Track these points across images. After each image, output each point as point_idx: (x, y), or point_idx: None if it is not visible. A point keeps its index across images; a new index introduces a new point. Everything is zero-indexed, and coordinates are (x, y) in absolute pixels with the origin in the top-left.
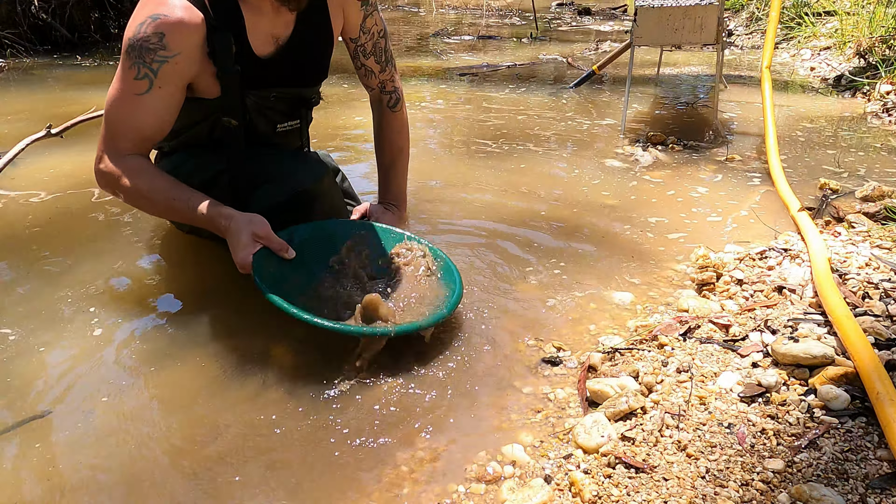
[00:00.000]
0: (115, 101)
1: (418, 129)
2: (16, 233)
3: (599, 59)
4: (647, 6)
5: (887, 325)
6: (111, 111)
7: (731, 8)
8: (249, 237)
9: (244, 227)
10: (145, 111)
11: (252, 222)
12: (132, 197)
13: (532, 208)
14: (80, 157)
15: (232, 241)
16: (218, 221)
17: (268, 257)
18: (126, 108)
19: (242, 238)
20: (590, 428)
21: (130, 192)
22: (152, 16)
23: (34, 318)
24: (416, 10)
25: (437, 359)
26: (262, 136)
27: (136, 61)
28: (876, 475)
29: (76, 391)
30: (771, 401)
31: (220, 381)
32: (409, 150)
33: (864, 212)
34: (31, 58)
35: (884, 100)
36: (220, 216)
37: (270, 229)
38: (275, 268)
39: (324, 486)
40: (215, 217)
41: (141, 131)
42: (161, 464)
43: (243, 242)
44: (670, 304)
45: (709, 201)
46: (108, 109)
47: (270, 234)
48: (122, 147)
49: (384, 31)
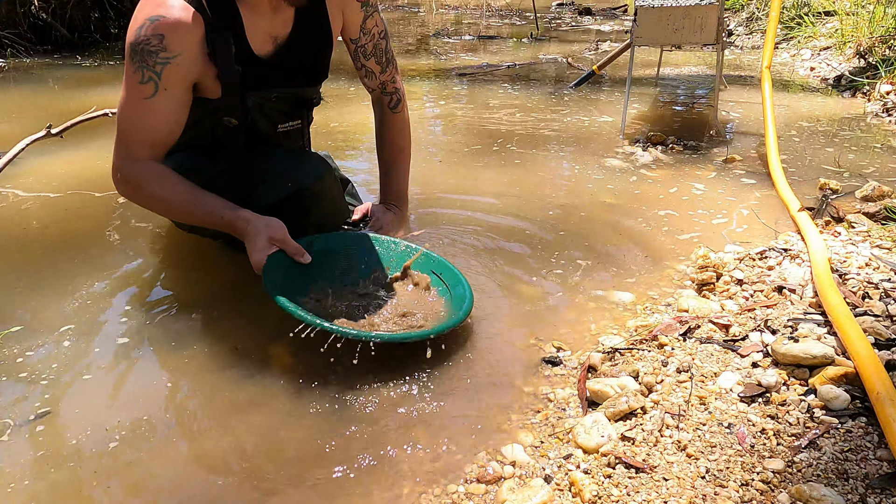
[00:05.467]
0: (124, 109)
1: (418, 129)
2: (16, 232)
3: (599, 59)
4: (647, 6)
5: (887, 325)
6: (122, 119)
7: (731, 8)
8: (266, 240)
9: (262, 230)
10: (154, 115)
11: (269, 226)
12: (152, 203)
13: (532, 208)
14: (81, 157)
15: (249, 243)
16: (236, 224)
17: (281, 261)
18: (135, 113)
19: (259, 241)
20: (590, 428)
21: (150, 199)
22: (150, 18)
23: (34, 318)
24: (415, 10)
25: (437, 359)
26: (264, 136)
27: (139, 65)
28: (876, 475)
29: (76, 390)
30: (771, 401)
31: (219, 381)
32: (410, 151)
33: (864, 212)
34: (31, 58)
35: (884, 100)
36: (238, 219)
37: (287, 233)
38: (285, 273)
39: (323, 486)
40: (234, 220)
41: (153, 136)
42: (161, 464)
43: (259, 245)
44: (670, 304)
45: (709, 201)
46: (119, 117)
47: (287, 238)
48: (138, 154)
49: (385, 32)
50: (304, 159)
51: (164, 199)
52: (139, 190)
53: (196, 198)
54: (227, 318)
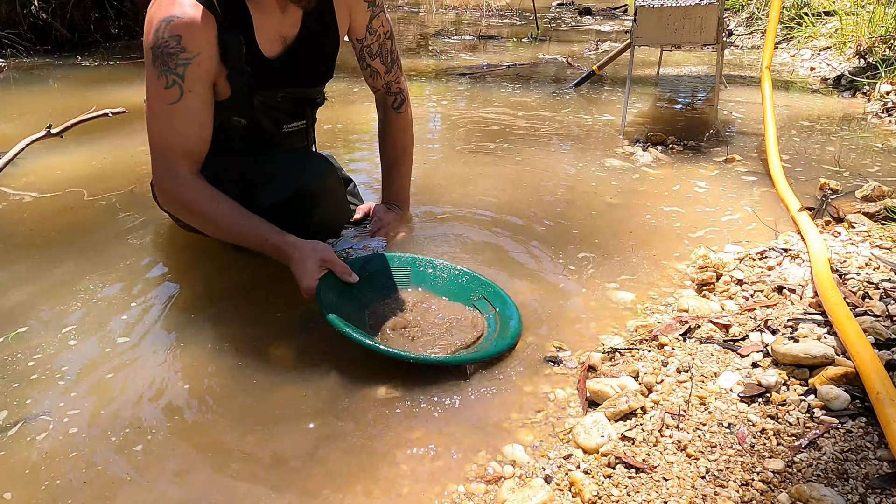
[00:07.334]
0: (152, 120)
1: (418, 128)
2: (17, 232)
3: (599, 59)
4: (647, 6)
5: (887, 325)
6: (153, 131)
7: (731, 8)
8: (316, 263)
9: (310, 254)
10: (183, 120)
11: (316, 249)
12: (197, 221)
13: (532, 208)
14: (81, 156)
15: (298, 269)
16: (283, 249)
17: (332, 285)
18: (164, 122)
19: (308, 265)
20: (590, 428)
21: (196, 217)
22: (165, 19)
23: (39, 318)
24: (416, 10)
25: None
26: (268, 136)
27: (161, 69)
28: (876, 475)
29: (75, 390)
30: (771, 401)
31: (219, 382)
32: (412, 151)
33: (864, 212)
34: (32, 58)
35: (884, 100)
36: (285, 244)
37: (334, 254)
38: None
39: (323, 486)
40: (281, 245)
41: (186, 144)
42: (161, 463)
43: (309, 269)
44: (670, 304)
45: (709, 201)
46: (149, 130)
47: (335, 259)
48: (177, 169)
49: (390, 33)
50: (307, 159)
51: (211, 219)
52: (185, 207)
53: (242, 220)
54: (229, 318)
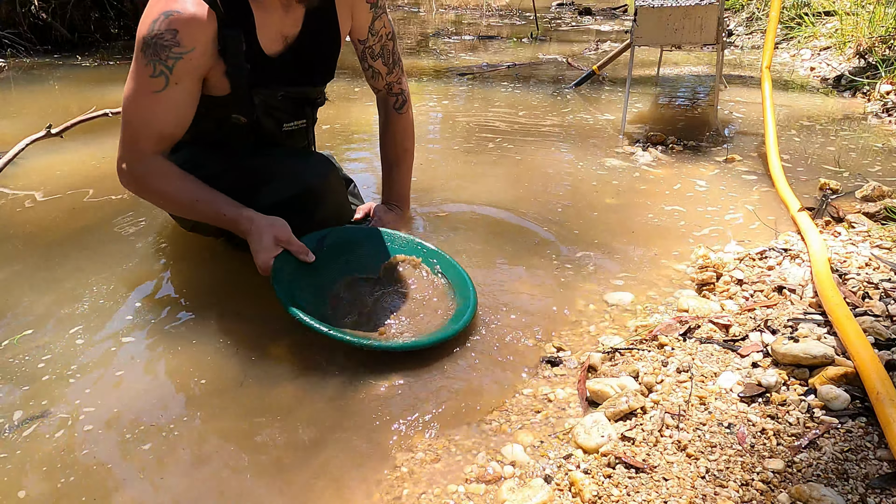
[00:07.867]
0: (131, 101)
1: (419, 128)
2: (17, 232)
3: (599, 58)
4: (647, 6)
5: (887, 325)
6: (129, 111)
7: (731, 8)
8: (271, 240)
9: (266, 229)
10: (163, 109)
11: (273, 225)
12: (156, 198)
13: (531, 208)
14: (81, 156)
15: (253, 243)
16: (240, 223)
17: (287, 262)
18: (144, 107)
19: (264, 241)
20: (590, 428)
21: (154, 193)
22: (165, 12)
23: (43, 319)
24: (416, 10)
25: (437, 359)
26: (268, 135)
27: (151, 59)
28: (876, 475)
29: (74, 390)
30: (771, 401)
31: (219, 382)
32: (413, 151)
33: (864, 212)
34: (32, 58)
35: (884, 100)
36: (241, 218)
37: (291, 232)
38: (292, 273)
39: (323, 486)
40: (237, 219)
41: (160, 130)
42: (163, 463)
43: (265, 245)
44: (670, 304)
45: (709, 201)
46: (125, 109)
47: (291, 238)
48: (144, 147)
49: (392, 34)
50: (308, 159)
51: (168, 194)
52: (144, 184)
53: (200, 194)
54: (229, 318)
